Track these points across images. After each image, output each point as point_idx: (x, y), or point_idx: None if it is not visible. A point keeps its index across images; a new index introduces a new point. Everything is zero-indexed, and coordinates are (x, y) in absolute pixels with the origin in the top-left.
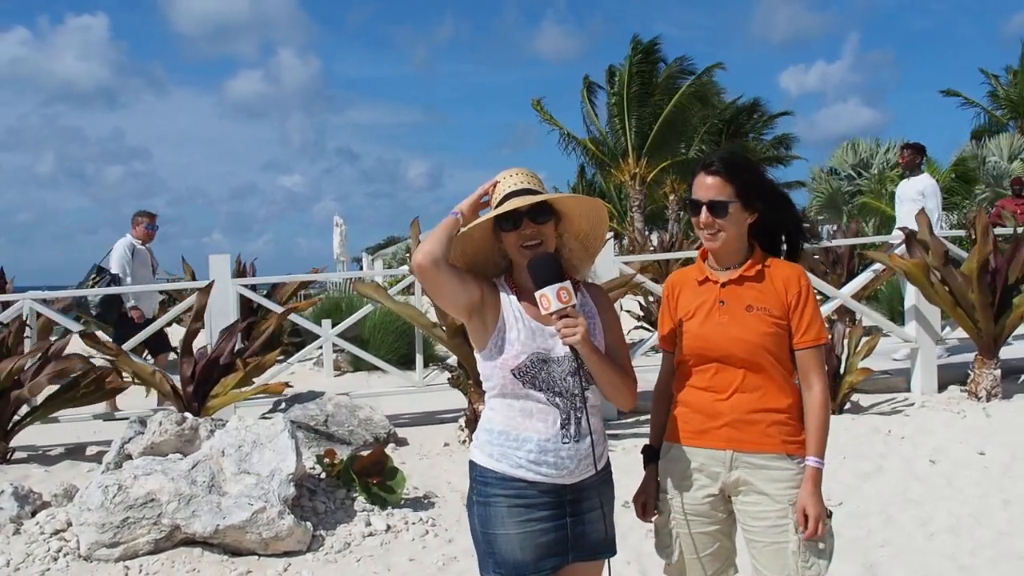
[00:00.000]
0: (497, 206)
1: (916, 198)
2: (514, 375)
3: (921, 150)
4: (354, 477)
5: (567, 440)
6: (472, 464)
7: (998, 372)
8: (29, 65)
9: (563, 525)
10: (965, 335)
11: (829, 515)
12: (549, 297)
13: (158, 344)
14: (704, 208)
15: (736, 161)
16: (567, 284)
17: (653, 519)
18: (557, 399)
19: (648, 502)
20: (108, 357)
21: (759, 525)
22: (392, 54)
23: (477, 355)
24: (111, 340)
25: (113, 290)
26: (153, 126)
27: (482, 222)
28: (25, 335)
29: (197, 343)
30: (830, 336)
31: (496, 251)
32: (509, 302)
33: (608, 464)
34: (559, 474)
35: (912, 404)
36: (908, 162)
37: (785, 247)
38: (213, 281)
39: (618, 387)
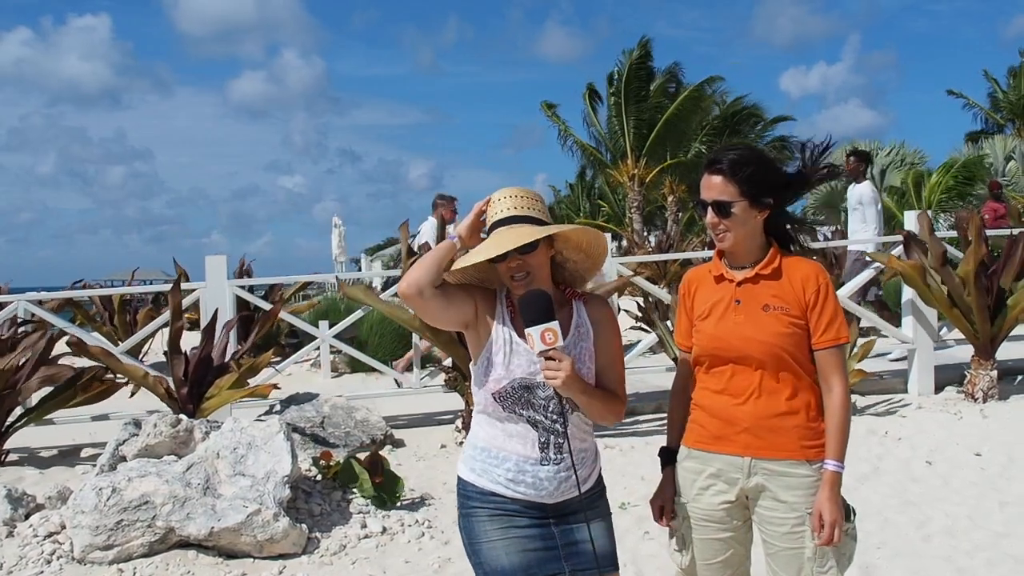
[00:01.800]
0: (488, 231)
1: (855, 206)
2: (495, 399)
3: (866, 157)
4: (358, 473)
5: (545, 463)
6: (458, 479)
7: (994, 373)
8: (32, 65)
9: (551, 535)
10: (962, 336)
11: (852, 515)
12: (534, 338)
13: None
14: (710, 208)
15: (742, 159)
16: (553, 325)
17: (668, 524)
18: (537, 423)
19: (665, 505)
20: (95, 362)
21: (776, 531)
22: (396, 55)
23: (471, 366)
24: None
25: (102, 292)
26: (156, 126)
27: (465, 268)
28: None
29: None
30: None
31: (496, 269)
32: (501, 321)
33: (598, 483)
34: (538, 494)
35: (909, 405)
36: (853, 169)
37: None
38: (180, 279)
39: (603, 414)
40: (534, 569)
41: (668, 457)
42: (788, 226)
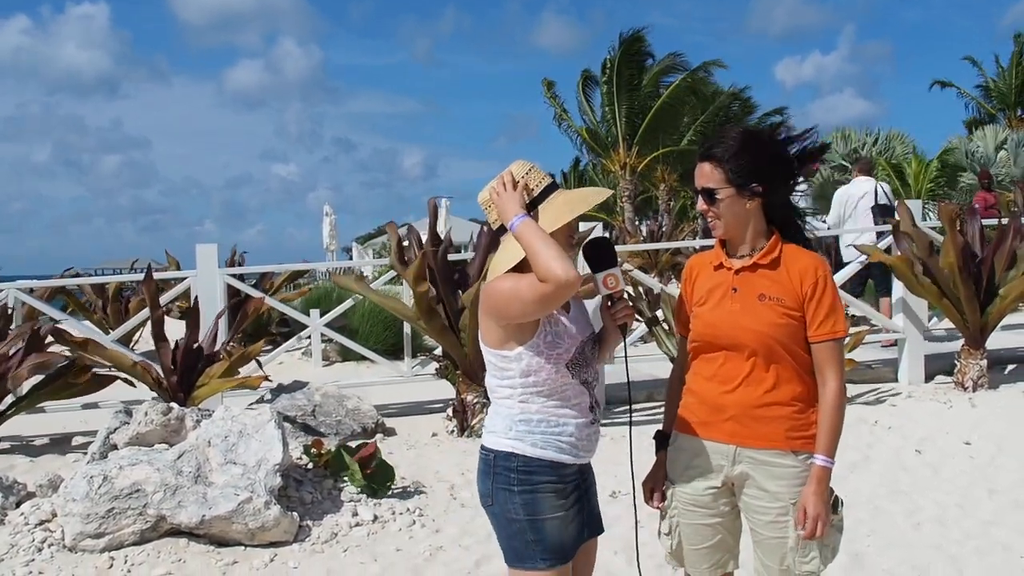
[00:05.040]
0: (543, 196)
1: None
2: (568, 368)
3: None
4: (348, 463)
5: (593, 421)
6: (509, 455)
7: (984, 362)
8: (30, 54)
9: (584, 504)
10: (952, 325)
11: (840, 505)
12: (618, 277)
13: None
14: (699, 195)
15: (731, 146)
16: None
17: (659, 506)
18: (588, 382)
19: (656, 488)
20: (78, 351)
21: (760, 520)
22: (393, 45)
23: (514, 351)
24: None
25: (92, 280)
26: (152, 115)
27: (571, 219)
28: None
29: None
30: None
31: None
32: None
33: None
34: (586, 455)
35: (899, 394)
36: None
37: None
38: (149, 268)
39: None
40: (576, 541)
41: (662, 441)
42: (791, 214)
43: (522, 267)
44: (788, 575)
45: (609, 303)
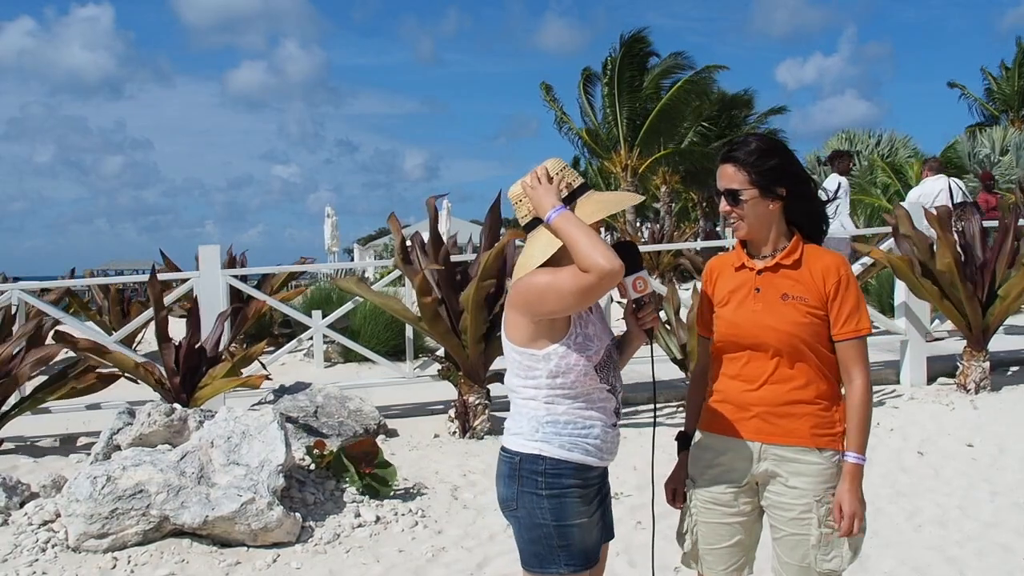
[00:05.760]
0: (577, 193)
1: (841, 196)
2: (597, 371)
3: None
4: (347, 465)
5: (614, 424)
6: (536, 458)
7: (987, 364)
8: (33, 56)
9: (603, 508)
10: (955, 327)
11: (863, 507)
12: (647, 280)
13: None
14: (723, 197)
15: (754, 149)
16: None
17: (681, 506)
18: (614, 386)
19: (678, 489)
20: (82, 353)
21: (783, 516)
22: (395, 45)
23: (543, 350)
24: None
25: (99, 280)
26: (154, 116)
27: (607, 215)
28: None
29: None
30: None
31: None
32: None
33: None
34: (610, 457)
35: (901, 396)
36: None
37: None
38: (154, 269)
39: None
40: (598, 544)
41: (684, 441)
42: (813, 216)
43: (553, 262)
44: (808, 573)
45: (634, 307)
